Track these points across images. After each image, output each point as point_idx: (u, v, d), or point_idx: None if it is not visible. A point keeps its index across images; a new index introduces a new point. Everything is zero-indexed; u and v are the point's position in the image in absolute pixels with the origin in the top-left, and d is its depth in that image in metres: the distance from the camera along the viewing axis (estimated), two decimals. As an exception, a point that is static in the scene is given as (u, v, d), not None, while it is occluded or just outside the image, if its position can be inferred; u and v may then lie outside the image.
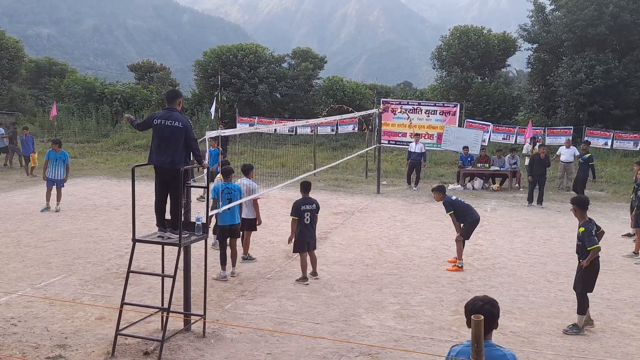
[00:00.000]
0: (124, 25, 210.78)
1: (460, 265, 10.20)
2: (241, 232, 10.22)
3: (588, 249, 7.41)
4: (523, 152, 21.33)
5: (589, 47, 27.59)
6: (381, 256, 11.10)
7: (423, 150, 19.52)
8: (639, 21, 27.08)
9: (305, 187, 9.61)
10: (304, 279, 9.35)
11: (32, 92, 36.87)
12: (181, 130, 6.78)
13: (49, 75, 38.15)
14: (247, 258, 10.43)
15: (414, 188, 19.11)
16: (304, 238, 9.36)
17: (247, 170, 10.33)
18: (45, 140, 26.62)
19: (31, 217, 13.80)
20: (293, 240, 9.44)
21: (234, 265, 9.73)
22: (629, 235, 12.77)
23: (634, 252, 11.32)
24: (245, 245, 10.45)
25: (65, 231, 12.47)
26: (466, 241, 10.54)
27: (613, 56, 27.27)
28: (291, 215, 9.49)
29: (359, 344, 6.97)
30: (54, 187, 14.77)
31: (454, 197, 10.46)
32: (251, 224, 10.33)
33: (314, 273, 9.60)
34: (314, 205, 9.54)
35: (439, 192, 10.36)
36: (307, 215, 9.38)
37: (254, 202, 10.17)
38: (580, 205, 7.72)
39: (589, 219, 7.69)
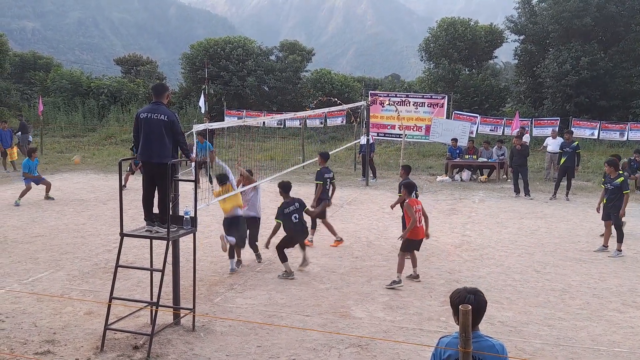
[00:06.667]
0: (109, 19, 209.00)
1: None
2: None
3: None
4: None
5: (574, 38, 27.74)
6: (370, 248, 11.14)
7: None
8: (624, 12, 27.25)
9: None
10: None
11: (17, 87, 36.43)
12: (167, 124, 6.72)
13: (34, 70, 37.72)
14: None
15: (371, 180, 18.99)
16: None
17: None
18: (33, 134, 26.25)
19: (18, 212, 13.69)
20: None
21: None
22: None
23: (603, 246, 11.15)
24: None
25: (52, 226, 12.39)
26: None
27: (599, 47, 27.43)
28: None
29: (349, 335, 7.00)
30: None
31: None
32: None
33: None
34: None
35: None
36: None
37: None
38: None
39: None
